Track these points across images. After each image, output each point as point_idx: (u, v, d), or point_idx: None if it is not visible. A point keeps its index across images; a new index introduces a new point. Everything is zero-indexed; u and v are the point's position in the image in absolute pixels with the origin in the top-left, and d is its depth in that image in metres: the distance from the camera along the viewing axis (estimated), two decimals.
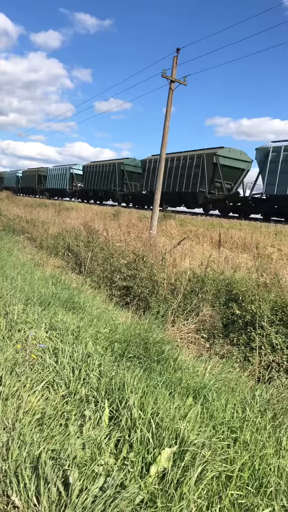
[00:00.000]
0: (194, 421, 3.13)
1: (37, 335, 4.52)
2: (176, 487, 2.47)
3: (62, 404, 3.26)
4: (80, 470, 2.44)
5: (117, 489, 2.37)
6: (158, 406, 3.21)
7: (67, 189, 47.77)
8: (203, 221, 21.63)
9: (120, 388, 3.45)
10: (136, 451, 2.72)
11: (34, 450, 2.57)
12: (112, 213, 24.83)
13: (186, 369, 4.72)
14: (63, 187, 48.89)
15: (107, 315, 6.58)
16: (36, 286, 6.79)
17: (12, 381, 3.36)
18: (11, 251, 11.63)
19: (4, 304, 5.32)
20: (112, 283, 9.53)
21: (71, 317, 5.49)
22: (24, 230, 16.86)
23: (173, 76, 16.70)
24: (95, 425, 3.01)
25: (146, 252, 10.29)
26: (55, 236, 14.42)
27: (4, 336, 4.38)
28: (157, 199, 17.26)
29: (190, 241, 13.71)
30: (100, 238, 12.63)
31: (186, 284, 8.07)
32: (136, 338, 5.15)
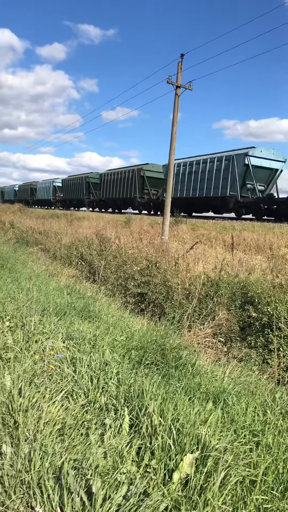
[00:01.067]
0: (215, 426, 3.11)
1: (54, 345, 4.54)
2: (200, 493, 2.46)
3: (82, 413, 3.26)
4: (103, 479, 2.43)
5: (140, 497, 2.36)
6: (178, 412, 3.20)
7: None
8: (215, 225, 21.58)
9: (139, 395, 3.44)
10: (158, 458, 2.71)
11: (56, 461, 2.58)
12: (123, 221, 24.92)
13: (204, 374, 4.69)
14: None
15: (123, 323, 6.58)
16: (51, 297, 6.82)
17: (31, 392, 3.37)
18: (25, 262, 11.71)
19: (20, 315, 5.36)
20: (127, 290, 9.54)
21: (87, 326, 5.51)
22: (37, 242, 16.99)
23: (178, 82, 16.76)
24: (115, 434, 3.01)
25: (159, 258, 10.28)
26: (68, 246, 14.50)
27: (22, 347, 4.41)
28: (167, 204, 17.28)
29: (202, 245, 13.68)
30: (113, 246, 12.67)
31: (201, 289, 8.04)
32: (153, 344, 5.14)
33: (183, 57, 16.72)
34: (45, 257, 14.40)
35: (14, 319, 5.26)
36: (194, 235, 17.96)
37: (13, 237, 19.33)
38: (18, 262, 11.00)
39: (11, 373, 3.72)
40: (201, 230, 19.41)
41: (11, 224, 23.94)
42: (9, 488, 2.41)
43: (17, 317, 5.31)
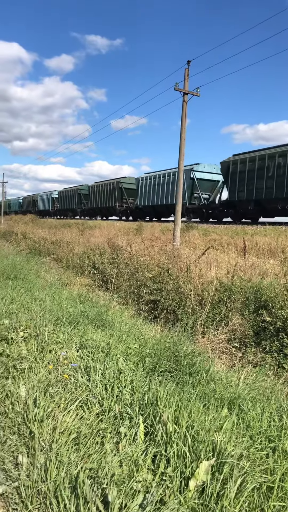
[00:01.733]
0: (230, 432, 3.09)
1: (68, 355, 4.56)
2: (217, 500, 2.44)
3: (97, 422, 3.27)
4: (119, 487, 2.43)
5: (157, 505, 2.36)
6: (193, 419, 3.18)
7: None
8: (226, 229, 21.51)
9: (154, 403, 3.44)
10: (173, 466, 2.70)
11: (72, 470, 2.59)
12: (134, 228, 24.97)
13: (219, 380, 4.67)
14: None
15: (136, 330, 6.58)
16: (64, 306, 6.86)
17: (46, 402, 3.39)
18: (38, 273, 11.79)
19: (34, 325, 5.39)
20: (139, 297, 9.55)
21: (101, 335, 5.52)
22: (49, 252, 17.11)
23: (186, 89, 16.84)
24: (131, 442, 3.00)
25: (170, 264, 10.29)
26: (80, 255, 14.58)
27: (36, 357, 4.43)
28: (178, 211, 17.31)
29: (214, 250, 13.65)
30: (124, 254, 12.71)
31: (214, 294, 8.02)
32: (167, 351, 5.14)
33: (189, 64, 16.81)
34: (58, 267, 14.49)
35: (28, 329, 5.29)
36: (206, 240, 17.94)
37: (26, 248, 19.49)
38: (31, 273, 11.08)
39: (26, 383, 3.74)
40: (212, 235, 19.37)
41: (23, 234, 24.16)
42: (26, 498, 2.43)
43: (31, 327, 5.35)
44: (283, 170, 23.04)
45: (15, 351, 4.60)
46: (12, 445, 2.96)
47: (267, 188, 24.11)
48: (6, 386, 3.78)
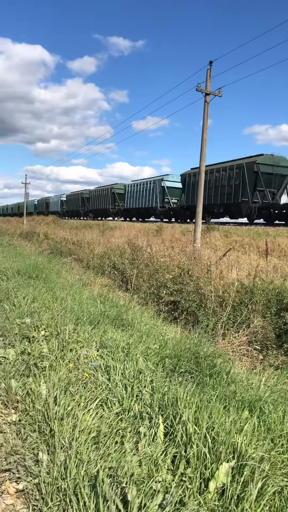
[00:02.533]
0: (251, 435, 3.06)
1: (88, 354, 4.58)
2: (237, 503, 2.41)
3: (117, 421, 3.27)
4: (138, 487, 2.43)
5: (176, 506, 2.34)
6: (213, 421, 3.16)
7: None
8: (248, 231, 21.33)
9: (173, 403, 3.42)
10: (193, 467, 2.68)
11: (92, 468, 2.59)
12: (154, 229, 24.96)
13: (240, 382, 4.63)
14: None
15: (156, 331, 6.58)
16: (85, 306, 6.89)
17: (66, 401, 3.41)
18: (59, 272, 11.89)
19: (55, 324, 5.44)
20: (159, 298, 9.53)
21: (121, 334, 5.53)
22: (71, 252, 17.23)
23: (208, 89, 16.75)
24: (150, 442, 2.99)
25: (191, 265, 10.25)
26: (100, 256, 14.64)
27: (57, 356, 4.47)
28: (199, 212, 17.22)
29: (236, 252, 13.54)
30: (145, 255, 12.71)
31: (235, 296, 7.95)
32: (187, 352, 5.11)
33: (211, 64, 16.72)
34: (79, 267, 14.59)
35: (49, 328, 5.34)
36: (227, 242, 17.81)
37: (47, 248, 19.68)
38: (52, 272, 11.18)
39: (47, 382, 3.77)
40: (234, 237, 19.23)
41: (45, 235, 24.39)
42: (46, 495, 2.44)
43: (52, 326, 5.39)
44: (218, 183, 30.56)
45: (36, 349, 4.65)
46: (32, 442, 2.98)
47: (208, 196, 30.20)
48: (27, 384, 3.82)
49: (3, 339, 5.16)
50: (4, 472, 2.70)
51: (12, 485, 2.60)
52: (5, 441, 3.02)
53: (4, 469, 2.72)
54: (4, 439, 3.06)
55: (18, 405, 3.57)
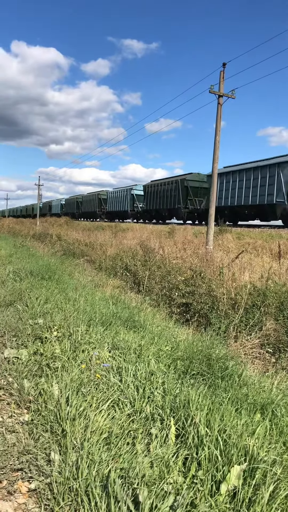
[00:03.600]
0: (263, 438, 3.04)
1: (100, 355, 4.60)
2: (249, 506, 2.40)
3: (128, 422, 3.28)
4: (149, 488, 2.43)
5: (187, 508, 2.34)
6: (225, 423, 3.15)
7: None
8: (261, 233, 21.21)
9: (185, 405, 3.42)
10: (204, 469, 2.68)
11: (103, 469, 2.60)
12: (167, 231, 24.96)
13: (252, 385, 4.60)
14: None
15: (168, 333, 6.57)
16: (97, 307, 6.92)
17: (78, 401, 3.43)
18: (72, 274, 11.95)
19: (68, 325, 5.47)
20: (171, 300, 9.53)
21: (133, 336, 5.54)
22: (83, 253, 17.30)
23: (221, 91, 16.72)
24: (162, 443, 3.00)
25: (203, 267, 10.22)
26: (113, 257, 14.68)
27: (69, 357, 4.49)
28: (211, 214, 17.19)
29: (248, 254, 13.47)
30: (157, 257, 12.71)
31: (247, 298, 7.92)
32: (199, 355, 5.10)
33: (225, 66, 16.70)
34: (91, 268, 14.64)
35: (62, 329, 5.37)
36: (240, 244, 17.74)
37: (60, 249, 19.78)
38: (65, 274, 11.24)
39: (59, 382, 3.79)
40: (246, 239, 19.14)
41: (58, 236, 24.53)
42: (57, 494, 2.46)
43: (64, 327, 5.42)
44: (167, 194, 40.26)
45: (48, 350, 4.68)
46: (44, 442, 3.00)
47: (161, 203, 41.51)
48: (39, 384, 3.85)
49: (16, 339, 5.20)
50: (17, 472, 2.72)
51: (24, 484, 2.62)
52: (17, 441, 3.05)
53: (16, 468, 2.74)
54: (16, 438, 3.08)
55: (31, 405, 3.59)
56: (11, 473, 2.70)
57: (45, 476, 2.65)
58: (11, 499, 2.50)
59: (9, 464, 2.77)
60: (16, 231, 34.75)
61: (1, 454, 2.86)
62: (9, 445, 2.97)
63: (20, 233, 31.61)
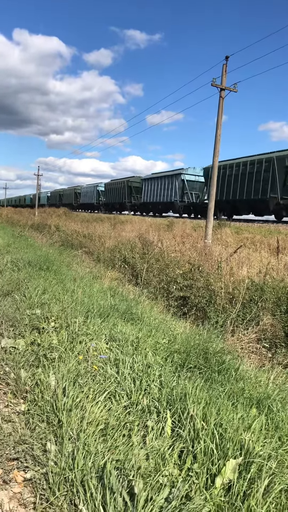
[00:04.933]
0: (258, 432, 3.05)
1: (98, 346, 4.60)
2: (243, 499, 2.42)
3: (125, 414, 3.28)
4: (145, 480, 2.44)
5: (182, 500, 2.35)
6: (221, 417, 3.16)
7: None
8: (259, 228, 21.21)
9: (182, 398, 3.43)
10: (200, 462, 2.69)
11: (99, 460, 2.61)
12: (166, 224, 24.92)
13: (248, 380, 4.62)
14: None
15: (165, 326, 6.58)
16: (95, 299, 6.91)
17: (75, 392, 3.43)
18: (70, 265, 11.93)
19: (65, 316, 5.46)
20: (169, 293, 9.53)
21: (130, 328, 5.54)
22: (81, 245, 17.26)
23: (223, 84, 16.62)
24: (157, 436, 3.01)
25: (201, 261, 10.22)
26: (111, 249, 14.65)
27: (67, 348, 4.49)
28: (210, 207, 17.15)
29: (246, 249, 13.47)
30: (155, 249, 12.69)
31: (245, 293, 7.92)
32: (196, 348, 5.11)
33: (227, 60, 16.57)
34: (89, 260, 14.62)
35: (59, 320, 5.37)
36: (238, 238, 17.72)
37: (59, 240, 19.74)
38: (63, 265, 11.22)
39: (56, 373, 3.80)
40: (245, 234, 19.13)
41: (56, 227, 24.46)
42: (53, 484, 2.46)
43: (62, 318, 5.42)
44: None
45: (46, 340, 4.68)
46: (40, 432, 3.01)
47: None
48: (36, 375, 3.85)
49: (13, 329, 5.19)
50: (12, 461, 2.73)
51: (20, 473, 2.63)
52: (13, 430, 3.05)
53: (12, 457, 2.75)
54: (12, 428, 3.09)
55: (27, 395, 3.60)
56: (7, 462, 2.71)
57: (41, 466, 2.65)
58: (7, 488, 2.50)
59: (5, 454, 2.77)
60: (15, 220, 34.66)
61: None
62: (5, 435, 2.98)
63: (19, 223, 31.51)
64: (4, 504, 2.37)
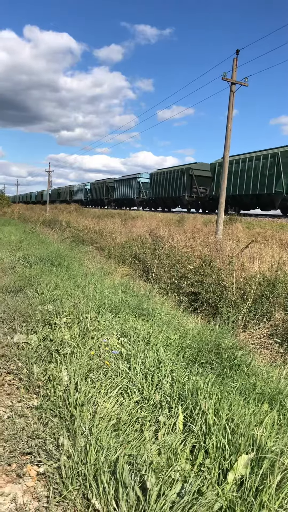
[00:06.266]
0: (270, 428, 3.04)
1: (109, 342, 4.62)
2: (256, 495, 2.41)
3: (136, 410, 3.29)
4: (157, 475, 2.45)
5: (194, 495, 2.36)
6: (232, 412, 3.16)
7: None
8: (271, 223, 21.07)
9: (193, 394, 3.43)
10: (212, 458, 2.69)
11: (111, 455, 2.62)
12: (176, 220, 24.87)
13: (260, 375, 4.61)
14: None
15: (176, 321, 6.58)
16: (106, 294, 6.93)
17: (87, 387, 3.45)
18: (81, 261, 11.97)
19: (77, 312, 5.48)
20: (180, 289, 9.52)
21: (141, 324, 5.55)
22: (92, 241, 17.30)
23: (234, 78, 16.50)
24: (169, 431, 3.01)
25: (212, 256, 10.19)
26: (122, 245, 14.68)
27: (78, 343, 4.51)
28: (221, 202, 17.07)
29: (258, 244, 13.40)
30: (166, 245, 12.68)
31: (256, 288, 7.89)
32: (208, 344, 5.10)
33: (238, 53, 16.44)
34: (100, 256, 14.65)
35: (71, 316, 5.39)
36: (249, 233, 17.63)
37: (70, 236, 19.80)
38: (74, 260, 11.26)
39: (68, 368, 3.82)
40: (256, 229, 19.02)
41: (67, 223, 24.54)
42: (66, 479, 2.48)
43: (73, 314, 5.44)
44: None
45: (58, 336, 4.71)
46: (53, 427, 3.03)
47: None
48: (48, 370, 3.87)
49: (25, 324, 5.23)
50: (26, 455, 2.76)
51: (33, 468, 2.65)
52: (26, 425, 3.08)
53: (25, 452, 2.77)
54: (26, 423, 3.12)
55: (40, 390, 3.62)
56: (20, 456, 2.74)
57: (54, 461, 2.67)
58: (20, 482, 2.53)
59: (18, 448, 2.80)
60: (26, 217, 34.85)
61: (10, 438, 2.89)
62: (18, 429, 3.01)
63: (30, 219, 31.68)
64: (18, 497, 2.39)
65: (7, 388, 3.72)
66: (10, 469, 2.62)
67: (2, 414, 3.25)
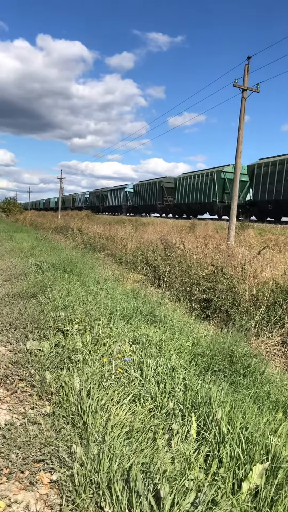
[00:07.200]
0: (285, 436, 3.00)
1: (121, 349, 4.60)
2: (271, 505, 2.38)
3: (149, 417, 3.27)
4: (171, 484, 2.42)
5: (209, 505, 2.33)
6: (246, 421, 3.12)
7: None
8: (283, 229, 20.95)
9: (207, 402, 3.40)
10: (226, 467, 2.66)
11: (125, 463, 2.60)
12: (188, 226, 24.84)
13: (273, 383, 4.56)
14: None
15: (189, 328, 6.54)
16: (118, 301, 6.92)
17: (100, 395, 3.44)
18: (93, 267, 11.99)
19: (89, 318, 5.49)
20: (192, 296, 9.49)
21: (153, 331, 5.53)
22: (104, 247, 17.34)
23: (245, 85, 16.50)
24: (183, 439, 2.99)
25: (224, 263, 10.14)
26: (133, 252, 14.68)
27: (91, 350, 4.51)
28: (233, 208, 17.03)
29: (270, 250, 13.32)
30: (177, 251, 12.66)
31: (269, 295, 7.83)
32: (221, 351, 5.07)
33: (249, 60, 16.46)
34: (112, 262, 14.67)
35: (83, 322, 5.39)
36: (262, 240, 17.55)
37: (81, 243, 19.88)
38: (86, 267, 11.29)
39: (80, 375, 3.81)
40: (268, 235, 18.93)
41: (79, 230, 24.65)
42: (79, 487, 2.47)
43: (85, 320, 5.44)
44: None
45: (70, 342, 4.71)
46: (66, 435, 3.02)
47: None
48: (61, 377, 3.87)
49: (38, 331, 5.25)
50: (39, 463, 2.75)
51: (46, 475, 2.64)
52: (39, 432, 3.08)
53: (38, 459, 2.77)
54: (38, 430, 3.11)
55: (52, 397, 3.62)
56: (33, 464, 2.73)
57: (67, 468, 2.66)
58: (33, 489, 2.52)
59: (31, 455, 2.79)
60: (38, 224, 35.09)
61: (23, 445, 2.89)
62: (31, 436, 3.01)
63: (42, 226, 31.89)
64: (31, 505, 2.39)
65: (19, 395, 3.72)
66: (23, 476, 2.61)
67: (15, 421, 3.25)
